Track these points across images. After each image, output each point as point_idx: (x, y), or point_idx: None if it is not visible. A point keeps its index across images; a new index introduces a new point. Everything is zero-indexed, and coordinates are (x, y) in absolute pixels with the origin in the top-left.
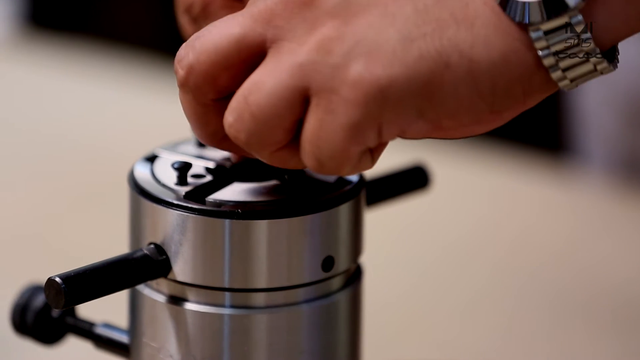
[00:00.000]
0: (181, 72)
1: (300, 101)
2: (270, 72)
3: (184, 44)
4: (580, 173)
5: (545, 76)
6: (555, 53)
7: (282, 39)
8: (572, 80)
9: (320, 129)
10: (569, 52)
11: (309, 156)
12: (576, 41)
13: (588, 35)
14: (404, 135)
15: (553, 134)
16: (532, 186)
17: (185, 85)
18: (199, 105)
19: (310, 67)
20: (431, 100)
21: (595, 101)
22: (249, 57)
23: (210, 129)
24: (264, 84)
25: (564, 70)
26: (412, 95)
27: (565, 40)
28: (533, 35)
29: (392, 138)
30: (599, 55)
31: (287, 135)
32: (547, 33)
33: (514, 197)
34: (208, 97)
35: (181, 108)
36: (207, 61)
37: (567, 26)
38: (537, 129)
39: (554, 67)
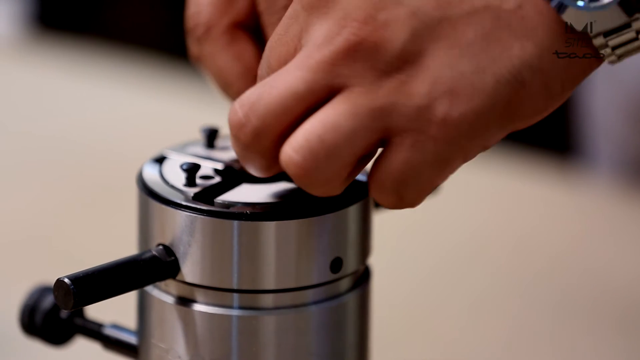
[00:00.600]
0: (245, 137)
1: (376, 141)
2: (347, 114)
3: (237, 107)
4: (587, 175)
5: (599, 60)
6: (614, 48)
7: (351, 85)
8: (619, 57)
9: (409, 166)
10: (627, 46)
11: (390, 192)
12: (634, 37)
13: None
14: (483, 151)
15: (561, 136)
16: (539, 188)
17: (251, 149)
18: (265, 160)
19: (391, 109)
20: (512, 118)
21: (604, 102)
22: (314, 105)
23: (274, 171)
24: (341, 126)
25: (613, 48)
26: (496, 120)
27: (624, 38)
28: (594, 39)
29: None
30: None
31: (351, 172)
32: (606, 35)
33: (520, 199)
34: (276, 152)
35: (187, 107)
36: (276, 123)
37: (626, 27)
38: (545, 131)
39: (604, 46)
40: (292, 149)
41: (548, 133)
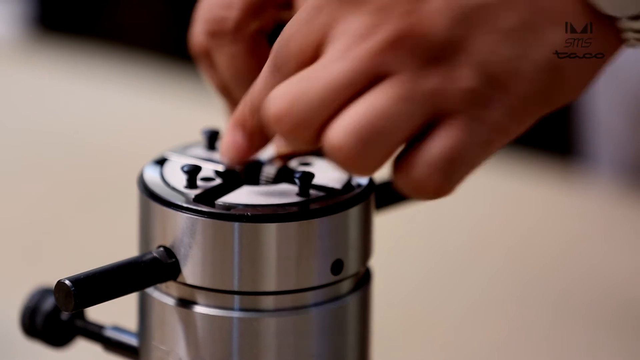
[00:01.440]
0: (288, 129)
1: (420, 125)
2: (396, 99)
3: (274, 100)
4: (588, 176)
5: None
6: (636, 31)
7: (396, 72)
8: (638, 40)
9: (461, 145)
10: None
11: (439, 172)
12: None
13: None
14: (518, 136)
15: (562, 137)
16: (540, 189)
17: (292, 137)
18: (305, 146)
19: (439, 94)
20: (550, 102)
21: (605, 104)
22: (355, 94)
23: (312, 149)
24: (392, 112)
25: (636, 32)
26: (536, 104)
27: None
28: (620, 22)
29: None
30: None
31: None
32: (631, 18)
33: (521, 200)
34: (317, 140)
35: (188, 108)
36: (319, 115)
37: None
38: (546, 132)
39: (627, 30)
40: (343, 133)
41: (549, 134)
